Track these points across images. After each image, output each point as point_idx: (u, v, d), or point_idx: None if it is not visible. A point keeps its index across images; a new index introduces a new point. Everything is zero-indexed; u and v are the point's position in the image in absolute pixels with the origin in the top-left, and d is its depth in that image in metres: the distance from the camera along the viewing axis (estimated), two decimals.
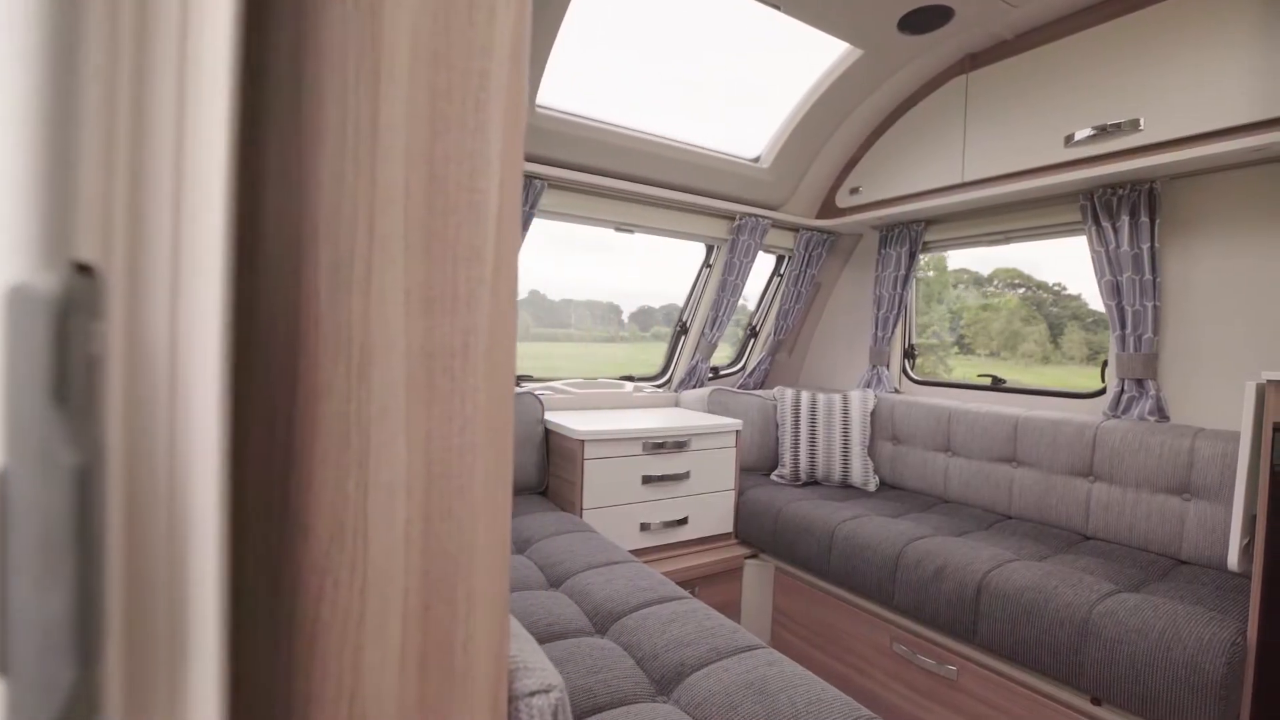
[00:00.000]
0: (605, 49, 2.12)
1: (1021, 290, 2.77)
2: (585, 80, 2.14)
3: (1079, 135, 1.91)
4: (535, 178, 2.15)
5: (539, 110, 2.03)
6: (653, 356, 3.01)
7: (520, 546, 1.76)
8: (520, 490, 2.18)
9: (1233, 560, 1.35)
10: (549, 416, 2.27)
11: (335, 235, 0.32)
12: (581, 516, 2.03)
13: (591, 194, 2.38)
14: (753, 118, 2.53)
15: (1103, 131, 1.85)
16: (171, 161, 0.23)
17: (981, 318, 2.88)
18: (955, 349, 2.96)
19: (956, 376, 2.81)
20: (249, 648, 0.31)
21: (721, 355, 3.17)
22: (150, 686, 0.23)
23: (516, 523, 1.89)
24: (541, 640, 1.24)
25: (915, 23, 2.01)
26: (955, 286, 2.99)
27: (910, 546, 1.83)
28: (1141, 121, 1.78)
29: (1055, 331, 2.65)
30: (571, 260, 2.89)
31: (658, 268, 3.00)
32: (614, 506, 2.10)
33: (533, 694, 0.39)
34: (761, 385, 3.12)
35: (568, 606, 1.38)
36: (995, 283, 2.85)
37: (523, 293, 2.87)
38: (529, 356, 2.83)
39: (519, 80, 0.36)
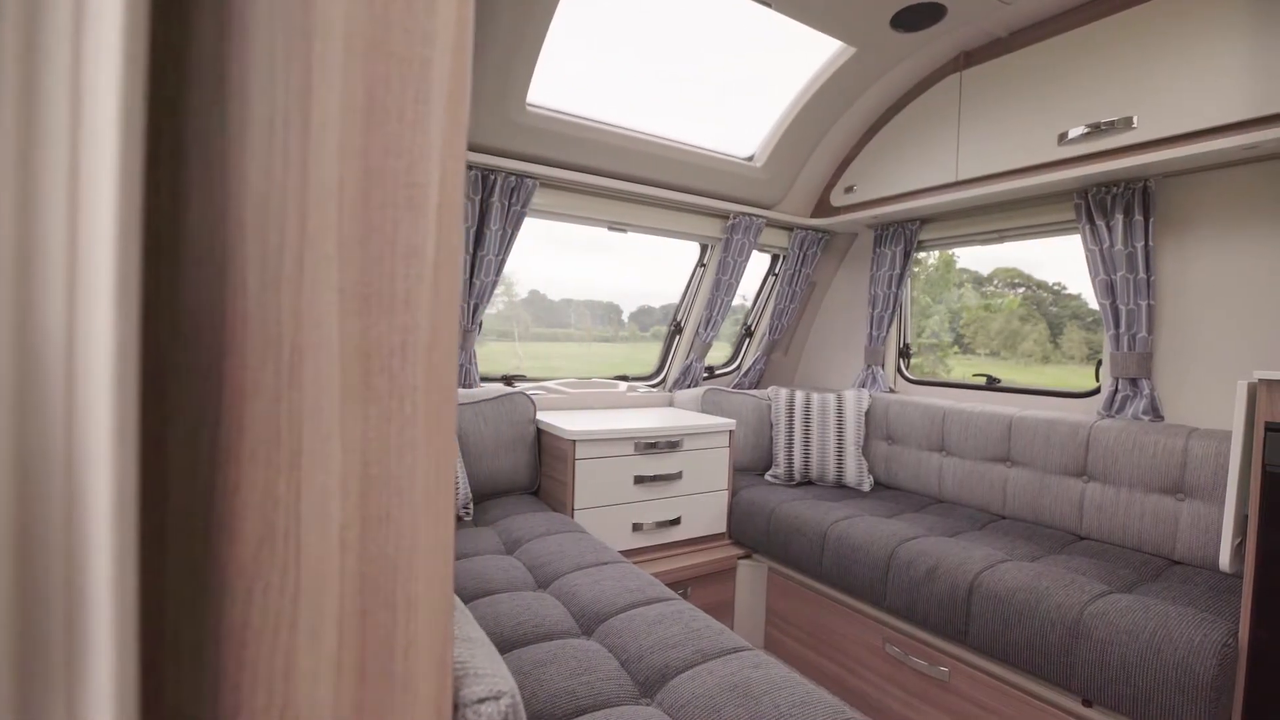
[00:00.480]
0: (597, 47, 2.11)
1: (1022, 290, 2.75)
2: (577, 78, 2.13)
3: (1072, 133, 1.89)
4: (527, 176, 2.14)
5: (530, 109, 2.02)
6: (651, 356, 3.00)
7: (510, 547, 1.75)
8: (512, 490, 2.18)
9: (1224, 561, 1.34)
10: (541, 416, 2.26)
11: (264, 231, 0.31)
12: (573, 517, 2.02)
13: (584, 193, 2.37)
14: (746, 116, 2.52)
15: (1096, 129, 1.84)
16: (66, 153, 0.22)
17: (980, 317, 2.87)
18: (955, 349, 2.95)
19: (956, 376, 2.80)
20: (171, 656, 0.30)
21: (719, 355, 3.17)
22: (45, 702, 0.22)
23: (506, 523, 1.88)
24: (527, 642, 1.23)
25: (908, 20, 2.00)
26: (958, 286, 2.98)
27: (902, 547, 1.82)
28: (1135, 119, 1.77)
29: (1055, 331, 2.64)
30: (571, 260, 2.88)
31: (657, 268, 2.99)
32: (606, 507, 2.09)
33: (481, 701, 0.38)
34: (757, 385, 3.11)
35: (554, 608, 1.37)
36: (995, 282, 2.84)
37: (523, 292, 2.87)
38: (528, 356, 2.82)
39: (462, 71, 0.35)
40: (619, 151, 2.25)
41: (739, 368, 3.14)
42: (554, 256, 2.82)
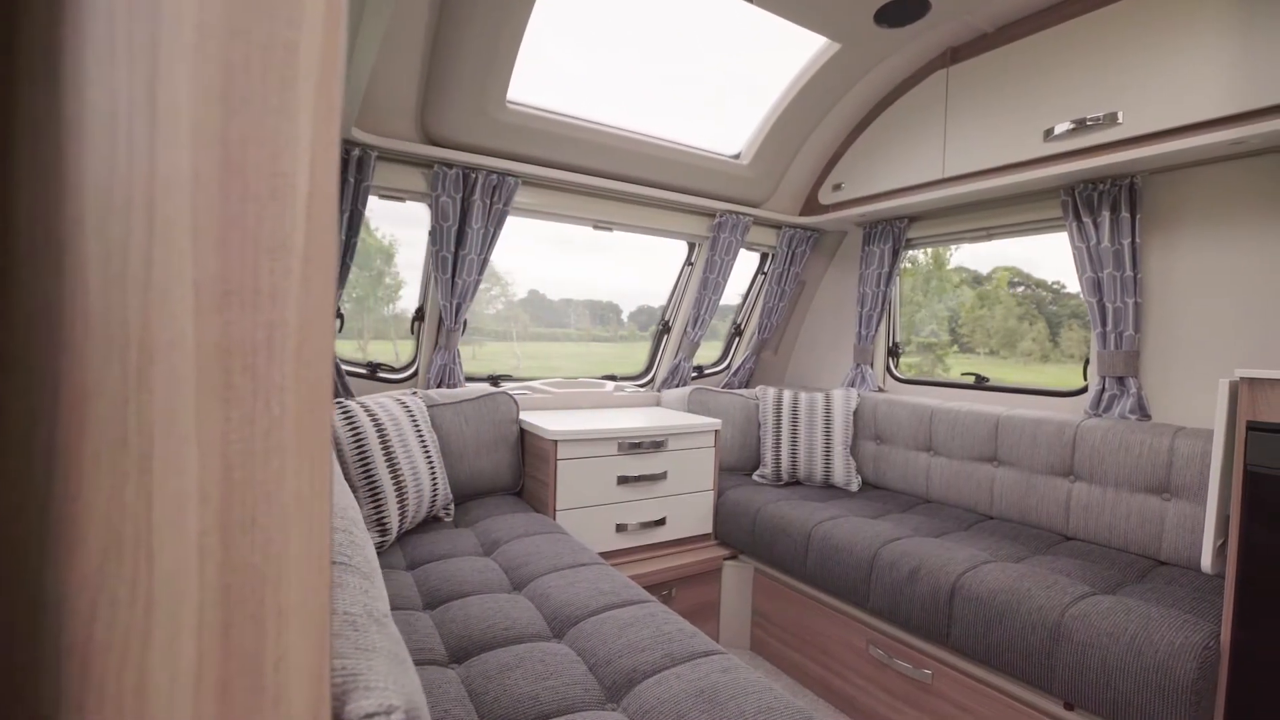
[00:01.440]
0: (581, 45, 2.09)
1: (1021, 289, 2.74)
2: (561, 76, 2.12)
3: (1058, 129, 1.87)
4: (509, 175, 2.13)
5: (510, 106, 2.00)
6: (645, 356, 2.98)
7: (488, 548, 1.73)
8: (495, 491, 2.16)
9: (1206, 562, 1.32)
10: (524, 416, 2.25)
11: (105, 227, 0.29)
12: (555, 518, 2.01)
13: (568, 191, 2.35)
14: (733, 114, 2.50)
15: (1081, 125, 1.82)
16: None
17: (979, 315, 2.85)
18: (954, 347, 2.93)
19: (954, 375, 2.78)
20: (3, 675, 0.29)
21: (710, 354, 3.15)
22: None
23: (486, 524, 1.86)
24: (495, 645, 1.22)
25: (891, 15, 1.98)
26: (956, 285, 2.96)
27: (886, 548, 1.80)
28: (1120, 115, 1.74)
29: (1054, 330, 2.62)
30: (571, 260, 2.88)
31: (657, 267, 2.98)
32: (589, 508, 2.07)
33: (369, 716, 0.37)
34: (747, 384, 3.09)
35: (527, 610, 1.35)
36: (995, 281, 2.82)
37: (522, 292, 2.86)
38: (527, 356, 2.81)
39: (333, 55, 0.34)
40: (603, 149, 2.23)
41: (728, 367, 3.12)
42: (553, 256, 2.81)
